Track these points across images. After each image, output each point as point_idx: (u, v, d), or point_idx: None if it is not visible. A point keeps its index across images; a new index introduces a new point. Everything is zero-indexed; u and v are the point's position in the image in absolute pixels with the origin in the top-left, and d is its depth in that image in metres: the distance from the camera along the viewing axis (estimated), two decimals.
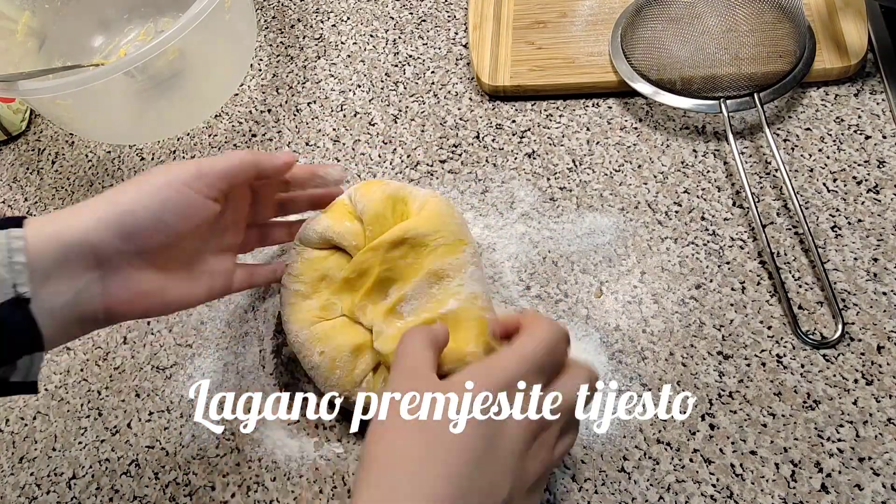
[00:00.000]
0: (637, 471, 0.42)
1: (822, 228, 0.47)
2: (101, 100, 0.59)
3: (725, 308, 0.46)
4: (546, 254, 0.50)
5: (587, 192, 0.52)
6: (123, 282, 0.37)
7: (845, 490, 0.39)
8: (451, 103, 0.59)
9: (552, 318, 0.43)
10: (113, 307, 0.37)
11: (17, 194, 0.64)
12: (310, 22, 0.68)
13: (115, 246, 0.36)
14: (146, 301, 0.39)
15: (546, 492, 0.42)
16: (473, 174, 0.55)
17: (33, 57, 0.65)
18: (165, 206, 0.37)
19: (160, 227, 0.37)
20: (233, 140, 0.62)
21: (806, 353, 0.43)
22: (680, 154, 0.52)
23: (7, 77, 0.54)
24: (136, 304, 0.38)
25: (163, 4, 0.70)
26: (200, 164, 0.39)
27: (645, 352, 0.45)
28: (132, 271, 0.37)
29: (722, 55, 0.50)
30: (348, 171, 0.57)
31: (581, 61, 0.57)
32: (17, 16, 0.64)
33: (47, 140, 0.67)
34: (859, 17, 0.52)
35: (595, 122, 0.55)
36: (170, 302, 0.40)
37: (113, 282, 0.37)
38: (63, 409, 0.52)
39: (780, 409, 0.42)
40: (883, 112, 0.50)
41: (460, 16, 0.64)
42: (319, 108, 0.62)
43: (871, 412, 0.41)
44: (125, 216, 0.36)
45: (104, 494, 0.47)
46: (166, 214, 0.37)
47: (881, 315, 0.43)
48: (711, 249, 0.48)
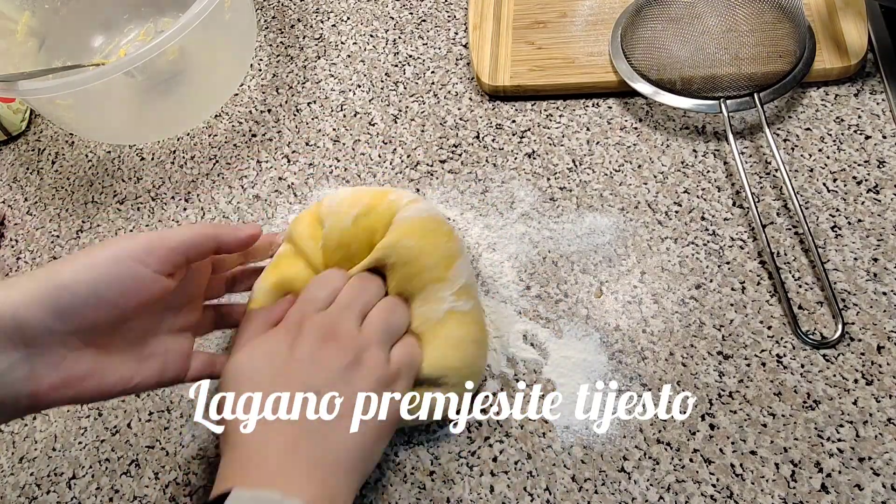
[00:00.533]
0: (637, 471, 0.42)
1: (822, 228, 0.47)
2: (101, 100, 0.59)
3: (725, 308, 0.46)
4: (546, 254, 0.50)
5: (587, 192, 0.52)
6: (54, 364, 0.34)
7: (845, 490, 0.39)
8: (451, 103, 0.59)
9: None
10: (40, 392, 0.34)
11: (17, 194, 0.65)
12: (310, 22, 0.68)
13: (46, 324, 0.33)
14: (80, 385, 0.35)
15: (546, 491, 0.42)
16: (473, 174, 0.55)
17: (33, 57, 0.65)
18: (109, 283, 0.34)
19: (101, 304, 0.34)
20: (233, 140, 0.62)
21: (806, 353, 0.43)
22: (680, 154, 0.52)
23: (7, 77, 0.54)
24: (67, 389, 0.35)
25: (163, 4, 0.70)
26: (151, 238, 0.36)
27: (645, 352, 0.45)
28: (66, 352, 0.34)
29: (722, 55, 0.50)
30: (349, 169, 0.57)
31: (581, 61, 0.57)
32: (17, 16, 0.64)
33: (47, 140, 0.67)
34: (859, 17, 0.52)
35: (595, 122, 0.55)
36: (109, 387, 0.36)
37: (41, 363, 0.33)
38: (63, 408, 0.52)
39: (780, 409, 0.42)
40: (883, 112, 0.50)
41: (460, 16, 0.64)
42: (319, 108, 0.62)
43: (871, 412, 0.41)
44: (61, 292, 0.33)
45: (104, 494, 0.47)
46: (109, 291, 0.35)
47: (881, 315, 0.43)
48: (711, 249, 0.48)
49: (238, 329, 0.43)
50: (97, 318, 0.35)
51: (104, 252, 0.35)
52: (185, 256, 0.38)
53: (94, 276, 0.34)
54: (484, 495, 0.43)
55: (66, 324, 0.34)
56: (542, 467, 0.43)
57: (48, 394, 0.34)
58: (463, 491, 0.43)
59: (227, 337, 0.51)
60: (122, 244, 0.36)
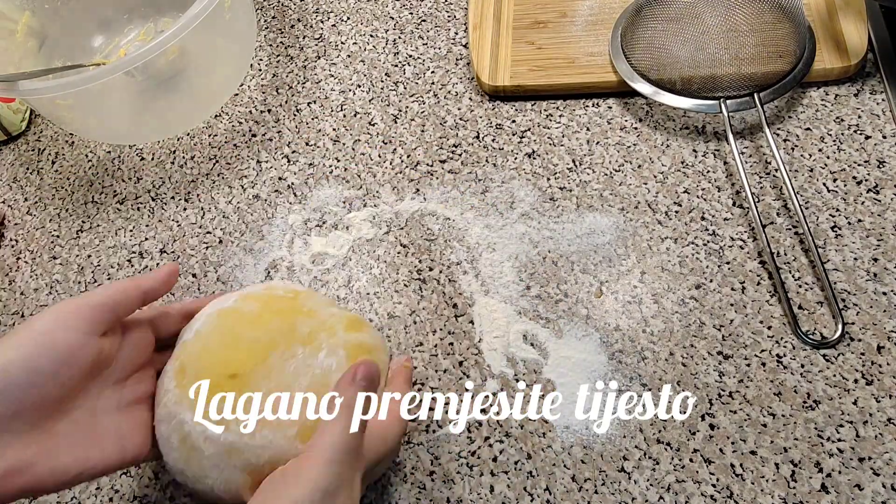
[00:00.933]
0: (637, 471, 0.42)
1: (822, 228, 0.47)
2: (102, 100, 0.59)
3: (725, 308, 0.46)
4: (546, 254, 0.50)
5: (587, 192, 0.52)
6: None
7: (845, 490, 0.39)
8: (451, 103, 0.59)
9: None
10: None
11: (17, 194, 0.65)
12: (310, 22, 0.68)
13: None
14: (32, 471, 0.32)
15: (546, 491, 0.42)
16: (473, 174, 0.55)
17: (33, 57, 0.65)
18: (41, 355, 0.33)
19: (38, 380, 0.33)
20: (233, 140, 0.62)
21: (806, 353, 0.43)
22: (680, 154, 0.52)
23: (7, 77, 0.54)
24: (17, 477, 0.32)
25: (163, 4, 0.70)
26: (75, 301, 0.35)
27: (645, 352, 0.45)
28: (10, 438, 0.32)
29: (722, 55, 0.50)
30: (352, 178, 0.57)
31: (581, 61, 0.57)
32: (17, 16, 0.64)
33: (47, 140, 0.67)
34: (859, 17, 0.52)
35: (595, 122, 0.55)
36: (64, 471, 0.34)
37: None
38: None
39: (780, 409, 0.42)
40: (883, 112, 0.50)
41: (460, 16, 0.64)
42: (319, 108, 0.62)
43: (871, 412, 0.41)
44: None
45: (104, 494, 0.47)
46: (44, 364, 0.33)
47: (881, 315, 0.43)
48: (711, 249, 0.48)
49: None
50: (38, 397, 0.33)
51: (30, 327, 0.34)
52: (114, 312, 0.37)
53: (25, 353, 0.33)
54: (484, 495, 0.43)
55: (5, 407, 0.32)
56: (542, 467, 0.43)
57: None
58: (463, 491, 0.43)
59: None
60: (45, 316, 0.34)
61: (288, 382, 0.37)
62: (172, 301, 0.54)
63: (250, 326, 0.40)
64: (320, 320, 0.40)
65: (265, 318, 0.40)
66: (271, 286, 0.43)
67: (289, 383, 0.37)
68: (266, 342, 0.38)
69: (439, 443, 0.45)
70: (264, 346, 0.38)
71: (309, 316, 0.40)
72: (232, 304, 0.41)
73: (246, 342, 0.39)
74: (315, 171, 0.58)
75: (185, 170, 0.61)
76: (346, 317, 0.41)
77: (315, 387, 0.37)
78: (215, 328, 0.40)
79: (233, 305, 0.41)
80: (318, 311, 0.41)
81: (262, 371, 0.37)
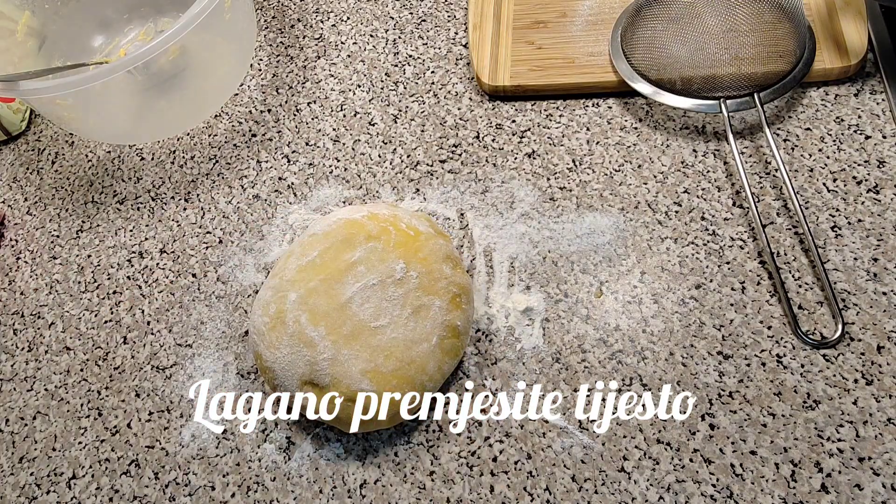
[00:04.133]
0: (637, 471, 0.42)
1: (822, 228, 0.47)
2: (102, 100, 0.59)
3: (725, 308, 0.46)
4: (546, 254, 0.50)
5: (587, 192, 0.52)
6: None
7: (845, 490, 0.39)
8: (451, 103, 0.59)
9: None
10: None
11: (17, 194, 0.65)
12: (310, 22, 0.68)
13: None
14: None
15: (546, 491, 0.42)
16: (473, 174, 0.55)
17: (33, 57, 0.65)
18: None
19: None
20: (233, 140, 0.62)
21: (806, 353, 0.43)
22: (680, 154, 0.52)
23: (7, 77, 0.54)
24: None
25: (163, 4, 0.70)
26: None
27: (645, 352, 0.45)
28: None
29: (722, 55, 0.50)
30: (349, 171, 0.57)
31: (581, 61, 0.57)
32: (17, 16, 0.64)
33: (47, 140, 0.67)
34: (859, 17, 0.52)
35: (595, 122, 0.55)
36: None
37: None
38: (63, 409, 0.52)
39: (780, 409, 0.42)
40: (883, 112, 0.51)
41: (460, 16, 0.64)
42: (319, 108, 0.62)
43: (871, 412, 0.41)
44: None
45: (104, 494, 0.47)
46: None
47: (881, 315, 0.43)
48: (711, 249, 0.48)
49: None
50: None
51: None
52: None
53: None
54: (484, 495, 0.43)
55: None
56: (542, 467, 0.43)
57: None
58: (463, 491, 0.43)
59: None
60: None
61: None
62: (177, 299, 0.54)
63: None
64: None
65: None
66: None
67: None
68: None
69: (439, 443, 0.45)
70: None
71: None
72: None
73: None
74: (315, 171, 0.58)
75: (185, 170, 0.61)
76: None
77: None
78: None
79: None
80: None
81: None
